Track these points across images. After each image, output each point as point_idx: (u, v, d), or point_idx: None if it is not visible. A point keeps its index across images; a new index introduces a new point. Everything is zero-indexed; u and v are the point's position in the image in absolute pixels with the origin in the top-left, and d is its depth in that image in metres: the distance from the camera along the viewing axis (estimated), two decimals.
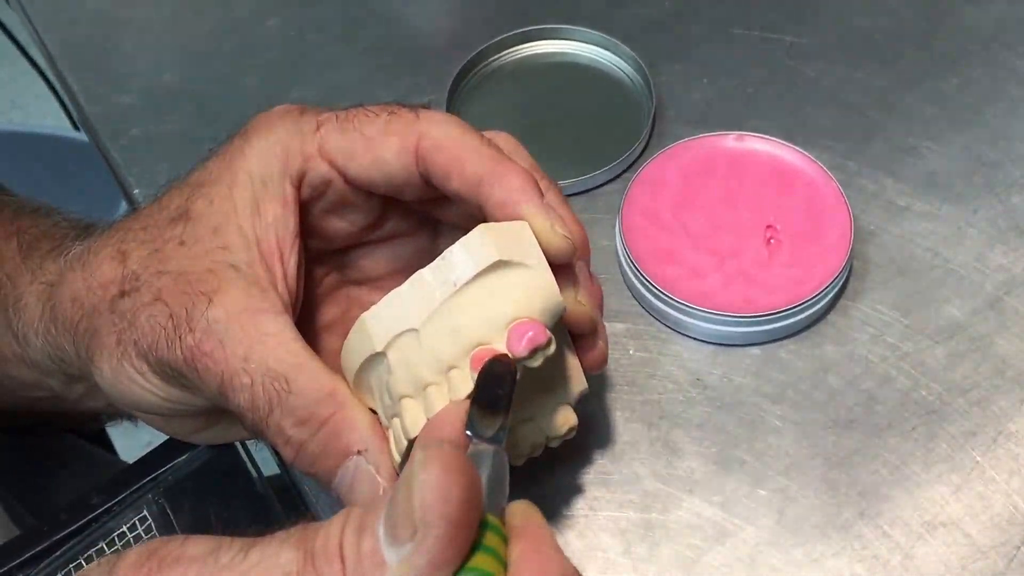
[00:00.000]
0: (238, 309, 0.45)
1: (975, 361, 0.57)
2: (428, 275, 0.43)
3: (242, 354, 0.44)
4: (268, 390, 0.44)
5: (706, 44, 0.72)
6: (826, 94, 0.68)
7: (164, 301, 0.46)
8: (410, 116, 0.47)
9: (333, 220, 0.50)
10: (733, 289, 0.59)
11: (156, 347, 0.45)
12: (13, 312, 0.52)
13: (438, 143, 0.46)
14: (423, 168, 0.46)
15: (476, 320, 0.42)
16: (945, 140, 0.65)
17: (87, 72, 0.73)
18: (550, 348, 0.42)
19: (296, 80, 0.72)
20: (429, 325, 0.42)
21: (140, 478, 0.54)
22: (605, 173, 0.65)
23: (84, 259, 0.49)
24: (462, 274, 0.42)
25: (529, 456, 0.48)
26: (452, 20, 0.77)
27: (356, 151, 0.47)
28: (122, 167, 0.68)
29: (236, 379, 0.44)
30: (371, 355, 0.44)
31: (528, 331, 0.42)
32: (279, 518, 0.53)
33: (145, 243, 0.47)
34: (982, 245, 0.61)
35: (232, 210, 0.47)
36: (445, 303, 0.42)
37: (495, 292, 0.42)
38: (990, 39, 0.70)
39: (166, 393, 0.48)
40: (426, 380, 0.42)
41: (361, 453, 0.44)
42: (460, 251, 0.43)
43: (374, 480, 0.44)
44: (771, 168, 0.63)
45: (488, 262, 0.42)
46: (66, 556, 0.52)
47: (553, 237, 0.45)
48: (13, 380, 0.55)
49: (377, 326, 0.43)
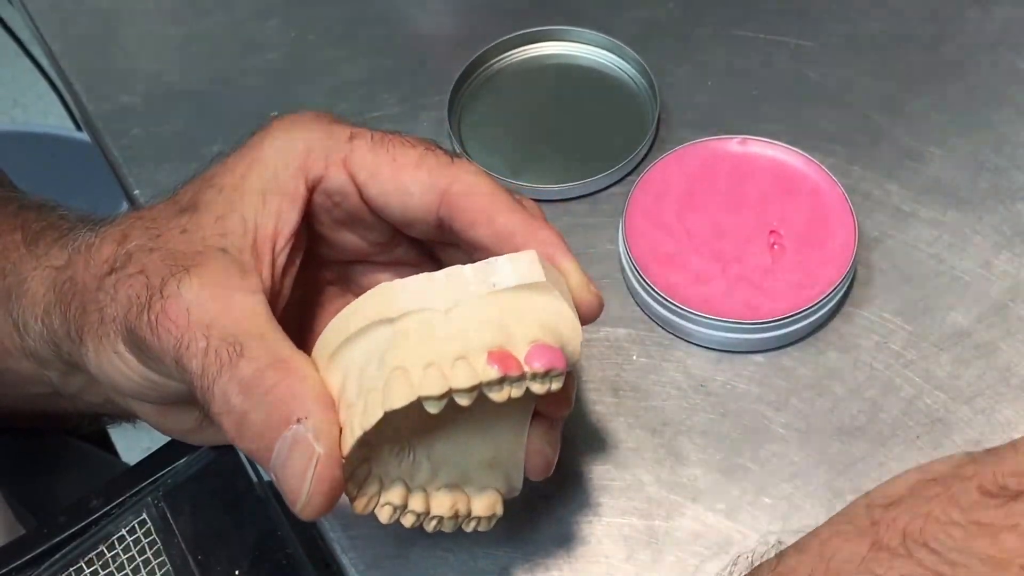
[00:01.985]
0: (213, 282, 0.44)
1: (980, 368, 0.57)
2: (468, 271, 0.42)
3: (206, 321, 0.43)
4: (220, 355, 0.42)
5: (710, 47, 0.72)
6: (831, 98, 0.68)
7: (145, 274, 0.45)
8: (445, 158, 0.46)
9: (344, 232, 0.50)
10: (736, 294, 0.58)
11: (128, 316, 0.44)
12: (15, 300, 0.52)
13: (470, 190, 0.46)
14: (446, 212, 0.46)
15: (502, 325, 0.41)
16: (950, 145, 0.65)
17: (89, 72, 0.73)
18: (558, 381, 0.42)
19: (298, 81, 0.72)
20: (455, 311, 0.41)
21: (140, 481, 0.54)
22: (608, 176, 0.65)
23: (91, 243, 0.49)
24: (503, 280, 0.42)
25: (438, 529, 0.46)
26: (455, 21, 0.76)
27: (382, 172, 0.46)
28: (123, 167, 0.68)
29: (193, 344, 0.42)
30: (378, 320, 0.42)
31: (549, 353, 0.41)
32: (278, 522, 0.53)
33: (149, 229, 0.47)
34: (987, 251, 0.61)
35: (239, 199, 0.47)
36: (477, 297, 0.42)
37: (527, 309, 0.42)
38: (996, 43, 0.70)
39: (140, 375, 0.47)
40: (430, 360, 0.41)
41: (301, 421, 0.41)
42: (506, 262, 0.42)
43: (309, 447, 0.40)
44: (775, 172, 0.62)
45: (531, 280, 0.42)
46: (66, 559, 0.52)
47: (587, 294, 0.45)
48: (13, 374, 0.54)
49: (398, 296, 0.42)
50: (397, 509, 0.45)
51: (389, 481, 0.45)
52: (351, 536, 0.53)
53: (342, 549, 0.53)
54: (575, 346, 0.43)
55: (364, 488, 0.44)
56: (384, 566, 0.53)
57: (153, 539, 0.52)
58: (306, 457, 0.40)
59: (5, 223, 0.56)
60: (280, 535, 0.52)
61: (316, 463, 0.40)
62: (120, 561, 0.51)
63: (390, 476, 0.45)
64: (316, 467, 0.40)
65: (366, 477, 0.44)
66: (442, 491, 0.46)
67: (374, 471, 0.44)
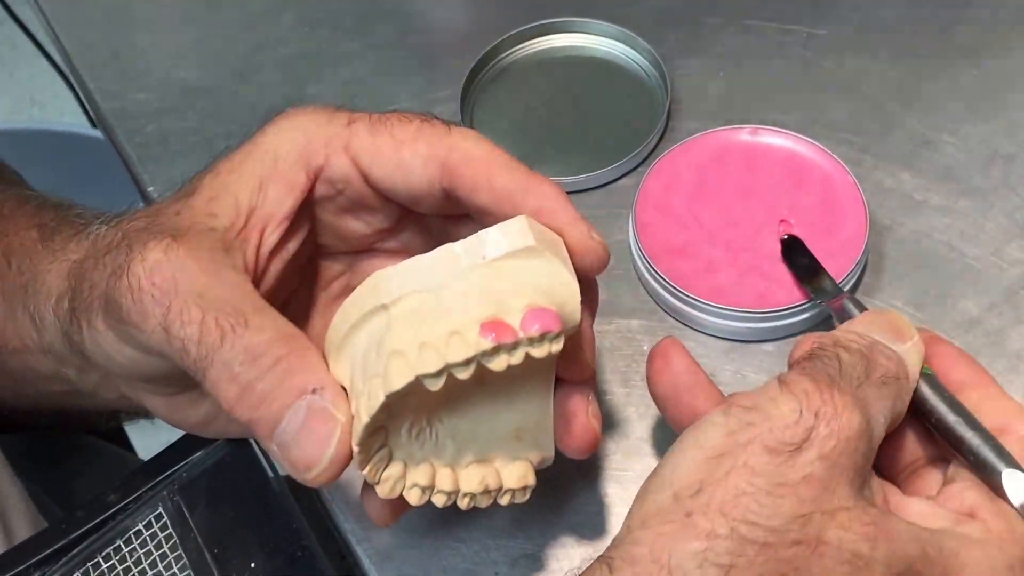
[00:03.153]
0: (200, 255, 0.44)
1: (990, 356, 0.56)
2: (458, 247, 0.42)
3: (196, 290, 0.43)
4: (221, 324, 0.42)
5: (722, 36, 0.71)
6: (843, 86, 0.68)
7: (128, 241, 0.45)
8: (442, 128, 0.46)
9: (348, 219, 0.50)
10: (747, 284, 0.59)
11: (108, 284, 0.44)
12: (32, 295, 0.52)
13: (468, 156, 0.45)
14: (448, 181, 0.46)
15: (494, 295, 0.42)
16: (962, 133, 0.65)
17: (103, 70, 0.74)
18: (557, 343, 0.42)
19: (310, 76, 0.72)
20: (447, 289, 0.42)
21: (155, 476, 0.54)
22: (620, 167, 0.65)
23: (101, 233, 0.49)
24: (493, 251, 0.42)
25: (472, 505, 0.46)
26: (466, 15, 0.77)
27: (383, 152, 0.46)
28: (137, 164, 0.69)
29: (184, 312, 0.42)
30: (374, 308, 0.42)
31: (544, 316, 0.41)
32: (295, 515, 0.53)
33: (149, 215, 0.48)
34: (999, 239, 0.60)
35: (234, 181, 0.47)
36: (468, 272, 0.42)
37: (520, 276, 0.42)
38: (1008, 30, 0.69)
39: (118, 352, 0.46)
40: (425, 339, 0.41)
41: (317, 392, 0.41)
42: (496, 232, 0.42)
43: (331, 417, 0.41)
44: (786, 162, 0.62)
45: (521, 245, 0.42)
46: (83, 554, 0.52)
47: (590, 242, 0.45)
48: (33, 372, 0.55)
49: (391, 282, 0.42)
50: (426, 490, 0.45)
51: (414, 463, 0.45)
52: (365, 527, 0.54)
53: (356, 540, 0.54)
54: (574, 305, 0.43)
55: (387, 471, 0.44)
56: (398, 557, 0.53)
57: (169, 533, 0.52)
58: (327, 426, 0.41)
59: (23, 221, 0.57)
60: (295, 528, 0.52)
61: (339, 432, 0.41)
62: (137, 556, 0.52)
63: (415, 458, 0.45)
64: (339, 435, 0.41)
65: (387, 461, 0.44)
66: (471, 467, 0.46)
67: (396, 455, 0.44)
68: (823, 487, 0.39)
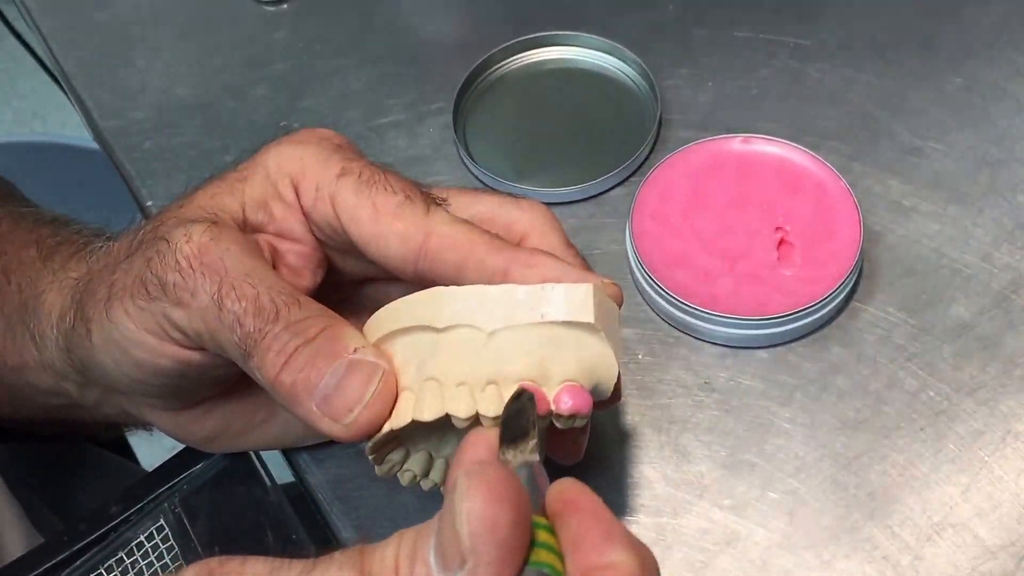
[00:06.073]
0: (240, 238, 0.46)
1: (983, 360, 0.57)
2: (521, 293, 0.43)
3: (244, 271, 0.45)
4: (275, 300, 0.44)
5: (710, 47, 0.72)
6: (831, 95, 0.69)
7: (165, 232, 0.46)
8: (421, 208, 0.46)
9: (345, 258, 0.51)
10: (743, 292, 0.59)
11: (149, 266, 0.46)
12: (31, 313, 0.53)
13: (447, 242, 0.45)
14: (426, 265, 0.46)
15: (540, 357, 0.42)
16: (950, 140, 0.66)
17: (100, 88, 0.74)
18: (580, 421, 0.43)
19: (305, 91, 0.72)
20: (499, 335, 0.42)
21: (157, 487, 0.55)
22: (611, 178, 0.65)
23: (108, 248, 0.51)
24: (553, 313, 0.42)
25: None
26: (457, 28, 0.77)
27: (362, 220, 0.46)
28: (136, 179, 0.69)
29: (239, 287, 0.44)
30: (425, 325, 0.43)
31: (578, 396, 0.42)
32: (293, 526, 0.54)
33: (171, 210, 0.49)
34: (988, 244, 0.61)
35: (239, 186, 0.49)
36: (525, 326, 0.42)
37: (569, 346, 0.43)
38: (994, 38, 0.70)
39: (137, 341, 0.47)
40: (464, 379, 0.42)
41: (358, 351, 0.43)
42: (561, 293, 0.43)
43: (373, 364, 0.43)
44: (779, 170, 0.63)
45: (581, 320, 0.42)
46: (86, 566, 0.52)
47: (613, 289, 0.46)
48: (32, 387, 0.55)
49: (451, 305, 0.43)
50: (417, 476, 0.47)
51: (415, 451, 0.47)
52: (364, 537, 0.54)
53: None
54: (608, 386, 0.44)
55: (389, 456, 0.46)
56: None
57: (171, 544, 0.53)
58: (367, 373, 0.43)
59: (20, 238, 0.57)
60: (295, 538, 0.53)
61: (382, 377, 0.43)
62: (139, 567, 0.52)
63: (417, 448, 0.47)
64: (382, 380, 0.43)
65: (394, 447, 0.46)
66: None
67: (403, 443, 0.46)
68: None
